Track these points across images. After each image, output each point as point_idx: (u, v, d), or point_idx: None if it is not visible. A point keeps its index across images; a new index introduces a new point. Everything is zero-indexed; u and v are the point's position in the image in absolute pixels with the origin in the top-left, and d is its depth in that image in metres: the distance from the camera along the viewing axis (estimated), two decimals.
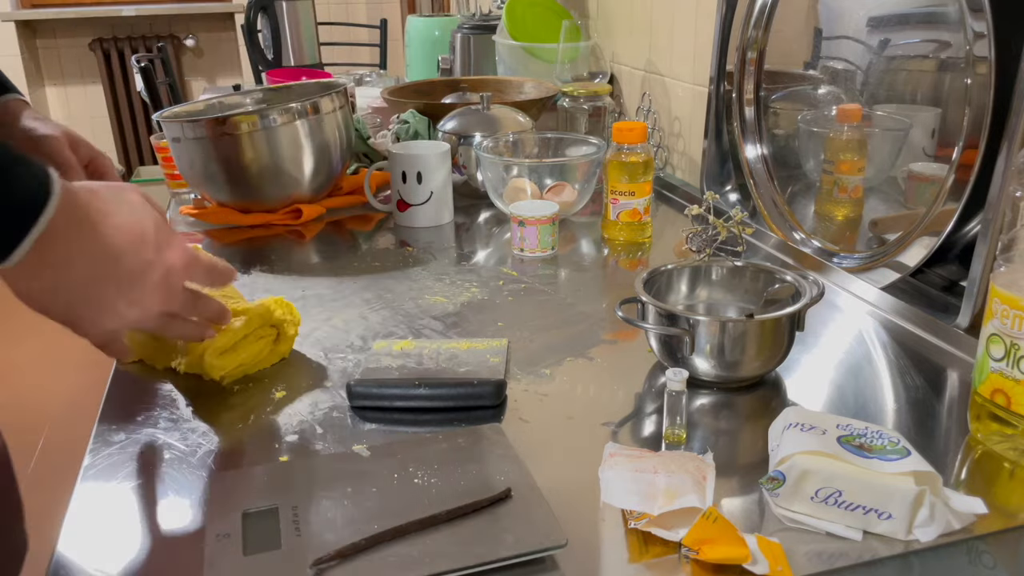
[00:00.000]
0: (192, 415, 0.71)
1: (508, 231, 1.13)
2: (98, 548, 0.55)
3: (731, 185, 1.19)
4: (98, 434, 0.68)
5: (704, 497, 0.55)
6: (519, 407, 0.71)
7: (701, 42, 1.29)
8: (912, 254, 0.86)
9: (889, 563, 0.53)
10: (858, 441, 0.57)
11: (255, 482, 0.59)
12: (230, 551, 0.51)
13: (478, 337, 0.83)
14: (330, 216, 1.23)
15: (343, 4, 4.38)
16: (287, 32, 2.46)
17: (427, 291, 0.95)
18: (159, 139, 1.33)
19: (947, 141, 0.84)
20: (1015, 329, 0.59)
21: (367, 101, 2.00)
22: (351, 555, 0.51)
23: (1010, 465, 0.62)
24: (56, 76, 4.27)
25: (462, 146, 1.25)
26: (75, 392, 2.57)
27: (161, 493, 0.61)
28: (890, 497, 0.53)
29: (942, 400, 0.72)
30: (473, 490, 0.56)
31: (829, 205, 1.03)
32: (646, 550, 0.54)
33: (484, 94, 1.29)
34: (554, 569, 0.52)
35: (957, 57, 0.81)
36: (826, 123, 1.02)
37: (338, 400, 0.72)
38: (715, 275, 0.82)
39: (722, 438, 0.67)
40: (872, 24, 0.92)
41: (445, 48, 2.02)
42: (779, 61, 1.09)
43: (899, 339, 0.83)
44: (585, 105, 1.45)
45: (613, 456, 0.60)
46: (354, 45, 3.43)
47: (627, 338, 0.83)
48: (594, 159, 1.16)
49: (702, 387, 0.73)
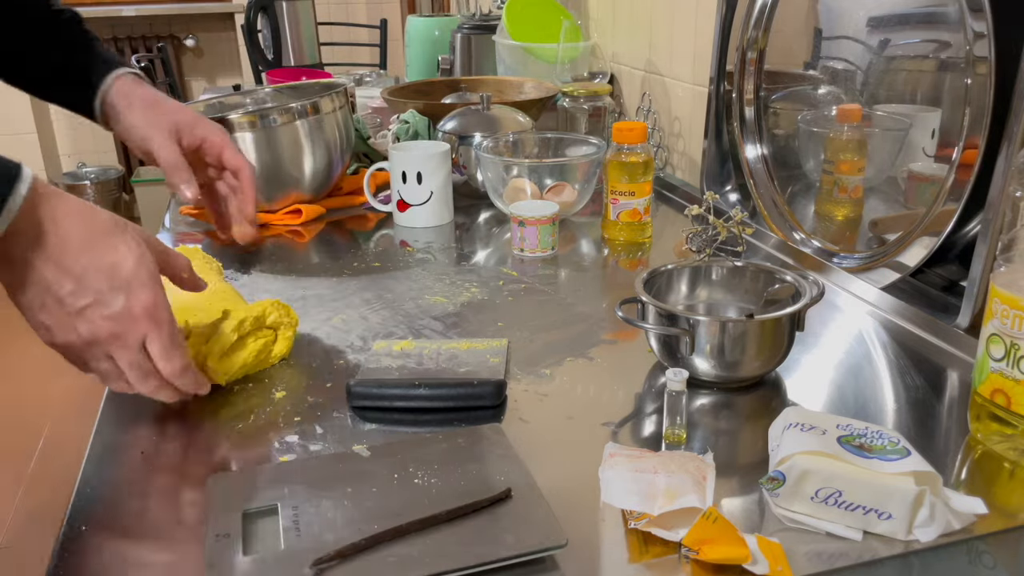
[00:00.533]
0: (192, 415, 0.71)
1: (508, 231, 1.13)
2: (98, 548, 0.55)
3: (731, 185, 1.19)
4: (98, 434, 0.68)
5: (704, 497, 0.55)
6: (519, 407, 0.71)
7: (701, 42, 1.29)
8: (912, 254, 0.86)
9: (889, 563, 0.53)
10: (858, 441, 0.57)
11: (255, 482, 0.59)
12: (230, 551, 0.51)
13: (478, 337, 0.83)
14: (330, 216, 1.23)
15: (343, 4, 4.39)
16: (287, 32, 2.46)
17: (427, 291, 0.95)
18: None
19: (947, 141, 0.84)
20: (1015, 329, 0.59)
21: (367, 101, 2.00)
22: (351, 555, 0.51)
23: (1010, 465, 0.62)
24: None
25: (462, 146, 1.25)
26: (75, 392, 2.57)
27: (161, 493, 0.61)
28: (890, 497, 0.53)
29: (942, 400, 0.72)
30: (473, 490, 0.56)
31: (829, 205, 1.03)
32: (646, 550, 0.54)
33: (484, 94, 1.29)
34: (554, 569, 0.52)
35: (957, 57, 0.81)
36: (826, 123, 1.02)
37: (338, 400, 0.72)
38: (715, 275, 0.82)
39: (722, 438, 0.67)
40: (872, 24, 0.92)
41: (445, 48, 2.02)
42: (779, 61, 1.09)
43: (899, 339, 0.83)
44: (585, 105, 1.45)
45: (613, 456, 0.60)
46: (354, 45, 3.43)
47: (627, 338, 0.83)
48: (594, 159, 1.16)
49: (702, 387, 0.73)
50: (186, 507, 0.59)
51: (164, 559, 0.55)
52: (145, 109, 0.90)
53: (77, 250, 0.61)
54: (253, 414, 0.71)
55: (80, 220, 0.61)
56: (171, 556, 0.55)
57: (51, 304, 0.61)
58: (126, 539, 0.56)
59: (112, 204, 4.22)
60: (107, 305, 0.61)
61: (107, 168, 4.31)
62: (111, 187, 4.22)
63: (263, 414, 0.71)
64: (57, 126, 4.32)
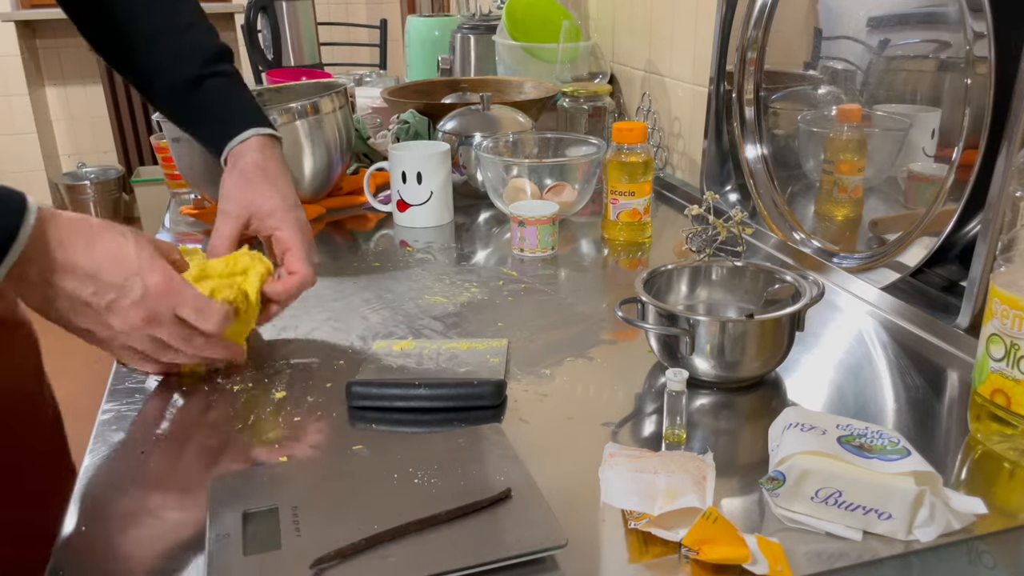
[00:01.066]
0: (192, 415, 0.71)
1: (508, 231, 1.13)
2: (98, 548, 0.55)
3: (731, 185, 1.19)
4: (98, 434, 0.68)
5: (704, 497, 0.55)
6: (519, 407, 0.71)
7: (701, 42, 1.29)
8: (912, 254, 0.86)
9: (889, 563, 0.53)
10: (858, 441, 0.57)
11: (255, 482, 0.59)
12: (230, 551, 0.51)
13: (478, 337, 0.83)
14: (330, 216, 1.23)
15: (343, 4, 4.39)
16: (287, 32, 2.46)
17: (427, 291, 0.95)
18: (159, 139, 1.33)
19: (947, 141, 0.84)
20: (1015, 329, 0.59)
21: (367, 101, 2.00)
22: (351, 555, 0.51)
23: (1010, 465, 0.62)
24: (56, 76, 4.27)
25: (462, 146, 1.25)
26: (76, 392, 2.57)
27: (161, 493, 0.61)
28: (890, 497, 0.53)
29: (942, 400, 0.72)
30: (473, 490, 0.56)
31: (829, 205, 1.03)
32: (646, 550, 0.54)
33: (484, 94, 1.29)
34: (554, 569, 0.52)
35: (957, 57, 0.81)
36: (826, 123, 1.02)
37: (338, 400, 0.72)
38: (715, 275, 0.82)
39: (722, 438, 0.67)
40: (872, 24, 0.92)
41: (445, 48, 2.02)
42: (779, 61, 1.09)
43: (899, 339, 0.83)
44: (585, 105, 1.45)
45: (613, 456, 0.60)
46: (354, 45, 3.43)
47: (627, 338, 0.83)
48: (594, 159, 1.16)
49: (702, 387, 0.73)
50: (186, 507, 0.59)
51: (164, 559, 0.54)
52: (238, 178, 0.84)
53: (84, 255, 0.64)
54: (253, 414, 0.71)
55: (77, 229, 0.65)
56: (171, 556, 0.55)
57: (81, 309, 0.65)
58: (126, 539, 0.56)
59: (112, 204, 4.22)
60: (129, 292, 0.65)
61: (107, 168, 4.31)
62: (111, 187, 4.23)
63: (263, 414, 0.70)
64: (57, 126, 4.32)
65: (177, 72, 0.88)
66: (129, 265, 0.65)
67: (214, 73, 0.89)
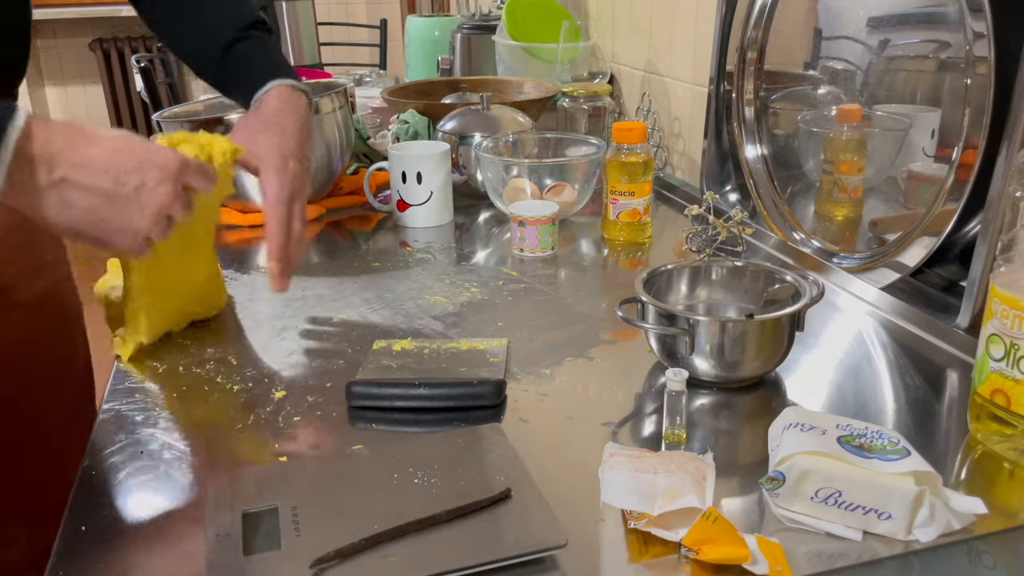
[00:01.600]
0: (192, 415, 0.71)
1: (508, 231, 1.13)
2: (98, 548, 0.55)
3: (731, 185, 1.19)
4: (98, 434, 0.68)
5: (704, 497, 0.55)
6: (519, 407, 0.71)
7: (701, 42, 1.29)
8: (912, 254, 0.86)
9: (889, 563, 0.53)
10: (858, 441, 0.57)
11: (255, 482, 0.59)
12: (230, 551, 0.51)
13: (478, 337, 0.83)
14: (330, 216, 1.23)
15: (343, 4, 4.39)
16: (287, 32, 2.46)
17: (427, 291, 0.95)
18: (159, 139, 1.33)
19: (947, 141, 0.84)
20: (1015, 329, 0.59)
21: (367, 101, 2.00)
22: (351, 555, 0.51)
23: (1010, 465, 0.62)
24: (56, 76, 4.27)
25: (462, 146, 1.25)
26: None
27: (161, 493, 0.61)
28: (890, 497, 0.53)
29: (942, 400, 0.72)
30: (473, 490, 0.56)
31: (829, 205, 1.03)
32: (646, 550, 0.54)
33: (484, 94, 1.29)
34: (554, 569, 0.52)
35: (957, 57, 0.81)
36: (826, 123, 1.02)
37: (338, 400, 0.72)
38: (715, 275, 0.82)
39: (722, 438, 0.67)
40: (872, 24, 0.92)
41: (445, 48, 2.02)
42: (779, 61, 1.09)
43: (899, 339, 0.83)
44: (585, 105, 1.45)
45: (613, 456, 0.60)
46: (354, 45, 3.43)
47: (627, 338, 0.83)
48: (594, 159, 1.16)
49: (702, 387, 0.73)
50: (186, 507, 0.59)
51: (164, 559, 0.54)
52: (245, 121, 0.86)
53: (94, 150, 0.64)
54: (253, 414, 0.71)
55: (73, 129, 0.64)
56: (171, 556, 0.55)
57: (103, 203, 0.64)
58: (126, 539, 0.56)
59: None
60: (150, 171, 0.65)
61: None
62: None
63: (263, 414, 0.70)
64: None
65: (214, 37, 0.91)
66: (136, 150, 0.65)
67: (247, 37, 0.91)
